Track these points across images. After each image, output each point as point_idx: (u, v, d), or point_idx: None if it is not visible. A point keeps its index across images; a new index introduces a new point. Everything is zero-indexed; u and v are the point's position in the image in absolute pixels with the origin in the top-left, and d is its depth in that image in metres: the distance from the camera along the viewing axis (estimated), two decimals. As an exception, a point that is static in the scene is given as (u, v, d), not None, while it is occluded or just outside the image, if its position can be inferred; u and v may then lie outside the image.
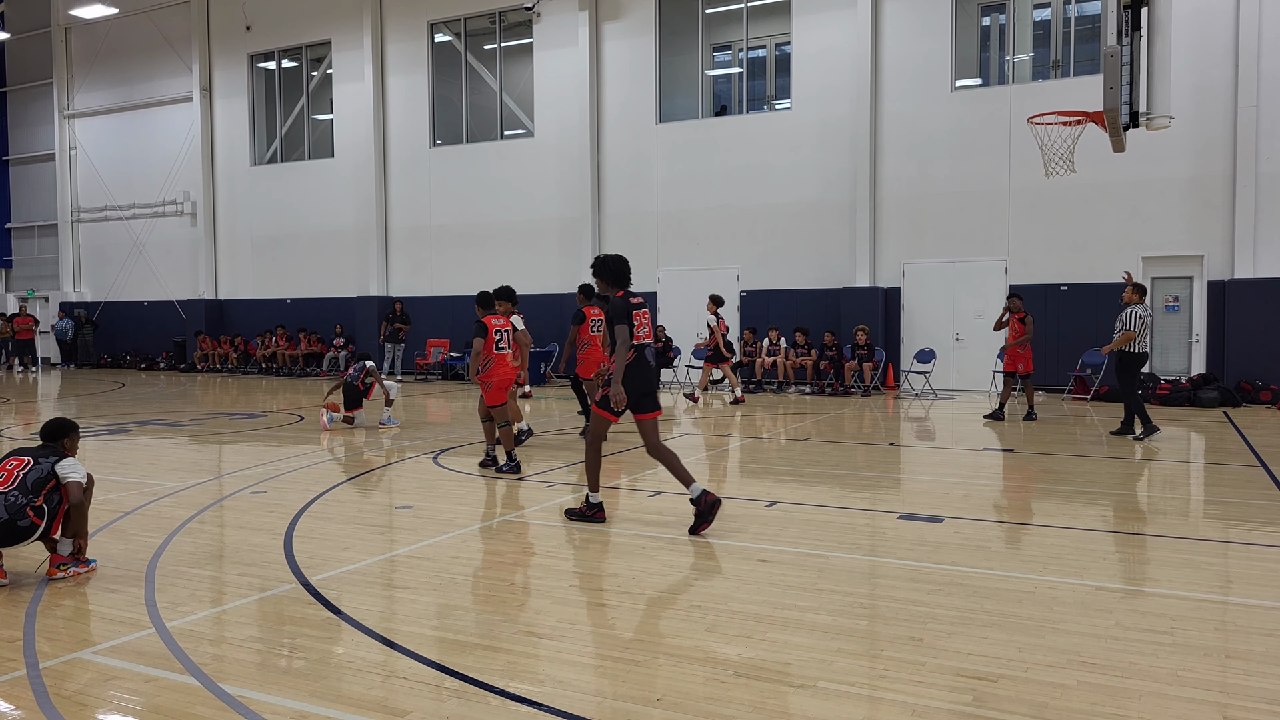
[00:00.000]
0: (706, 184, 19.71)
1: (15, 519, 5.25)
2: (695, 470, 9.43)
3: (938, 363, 17.64)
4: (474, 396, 17.71)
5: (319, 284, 24.36)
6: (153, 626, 4.68)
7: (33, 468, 5.44)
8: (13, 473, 5.40)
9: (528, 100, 21.74)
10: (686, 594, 5.17)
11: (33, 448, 5.65)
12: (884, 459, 10.15)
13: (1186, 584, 5.30)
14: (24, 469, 5.43)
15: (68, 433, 5.84)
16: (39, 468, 5.45)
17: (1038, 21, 17.91)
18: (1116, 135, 10.08)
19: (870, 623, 4.73)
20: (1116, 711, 3.62)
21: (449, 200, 22.57)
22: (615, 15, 20.44)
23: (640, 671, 4.07)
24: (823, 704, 3.73)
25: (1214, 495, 8.28)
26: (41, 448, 5.66)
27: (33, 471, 5.42)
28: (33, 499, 5.32)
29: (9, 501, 5.26)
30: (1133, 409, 11.50)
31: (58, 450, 5.65)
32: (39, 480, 5.39)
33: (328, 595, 5.18)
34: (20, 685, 3.96)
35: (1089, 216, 16.66)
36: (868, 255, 18.21)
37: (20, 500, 5.28)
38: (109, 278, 28.07)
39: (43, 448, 5.66)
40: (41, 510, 5.37)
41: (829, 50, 18.48)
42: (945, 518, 7.01)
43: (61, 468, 5.49)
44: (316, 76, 24.64)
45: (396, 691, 3.89)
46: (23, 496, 5.30)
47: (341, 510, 7.53)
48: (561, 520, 7.03)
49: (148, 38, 26.78)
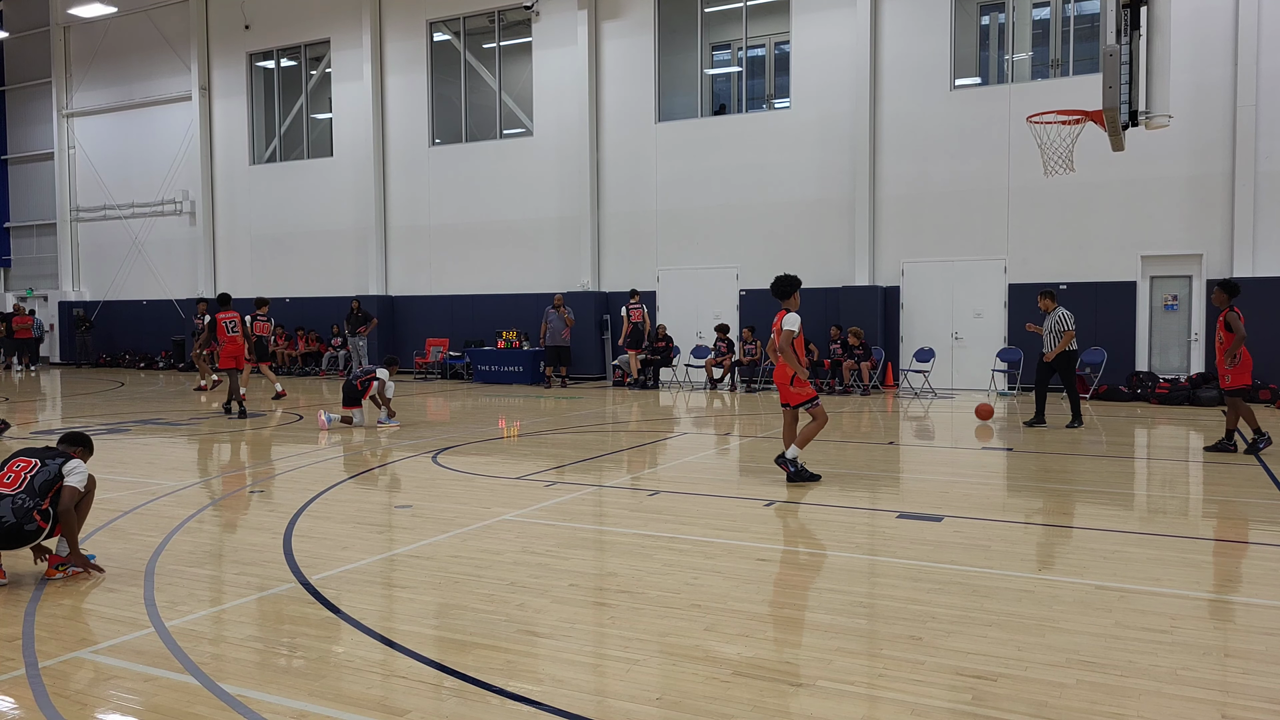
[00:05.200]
0: (706, 183, 19.70)
1: (23, 523, 5.22)
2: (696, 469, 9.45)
3: (937, 362, 17.64)
4: (474, 396, 17.71)
5: (318, 283, 24.35)
6: (152, 626, 4.68)
7: (40, 470, 5.40)
8: (20, 475, 5.36)
9: (527, 99, 21.73)
10: (686, 594, 5.17)
11: (40, 449, 5.62)
12: (883, 458, 10.15)
13: (1186, 583, 5.30)
14: (31, 471, 5.38)
15: (83, 444, 5.84)
16: (46, 469, 5.41)
17: (1037, 21, 17.91)
18: (1116, 134, 10.08)
19: (870, 622, 4.73)
20: (1116, 710, 3.62)
21: (448, 199, 22.57)
22: (614, 14, 20.43)
23: (640, 671, 4.07)
24: (823, 703, 3.73)
25: (1214, 495, 8.29)
26: (49, 449, 5.63)
27: (40, 474, 5.38)
28: (39, 502, 5.28)
29: (17, 505, 5.22)
30: (1072, 400, 12.45)
31: (65, 453, 5.61)
32: (46, 483, 5.36)
33: (327, 594, 5.18)
34: (20, 684, 3.96)
35: (1088, 216, 16.66)
36: (867, 254, 18.21)
37: (28, 504, 5.25)
38: (108, 277, 28.05)
39: (50, 450, 5.63)
40: (47, 514, 5.34)
41: (828, 49, 18.48)
42: (945, 517, 7.01)
43: (66, 469, 5.47)
44: (315, 75, 24.62)
45: (396, 691, 3.89)
46: (30, 499, 5.26)
47: (341, 509, 7.53)
48: (560, 520, 7.03)
49: (146, 37, 26.76)
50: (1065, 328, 12.23)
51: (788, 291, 8.58)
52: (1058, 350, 12.24)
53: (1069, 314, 12.39)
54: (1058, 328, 12.29)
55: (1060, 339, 12.22)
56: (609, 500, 7.88)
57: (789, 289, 8.58)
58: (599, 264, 20.85)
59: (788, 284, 8.59)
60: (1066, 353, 12.32)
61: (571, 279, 20.94)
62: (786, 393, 8.51)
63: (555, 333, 19.16)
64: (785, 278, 8.64)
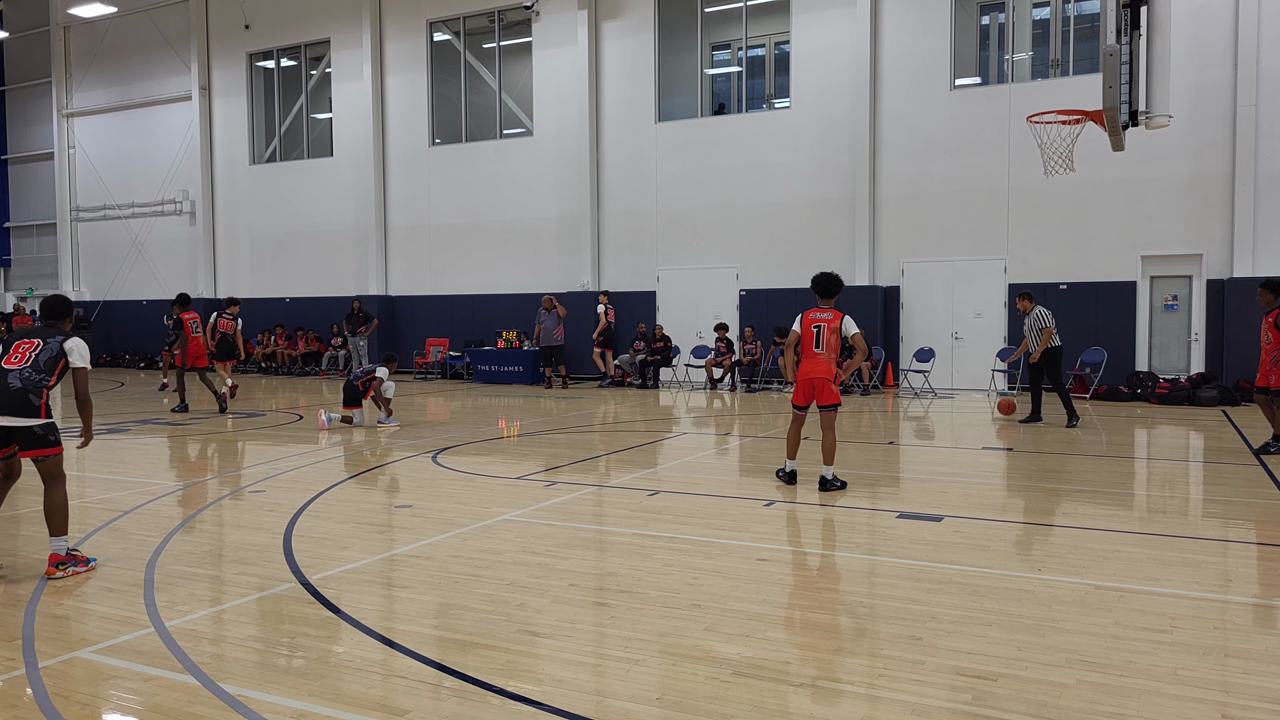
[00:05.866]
0: (706, 183, 19.70)
1: (30, 392, 5.59)
2: (696, 469, 9.45)
3: (937, 362, 17.64)
4: (474, 396, 17.71)
5: (318, 283, 24.34)
6: (152, 626, 4.68)
7: (43, 348, 5.72)
8: (26, 353, 5.69)
9: (527, 99, 21.72)
10: (686, 593, 5.17)
11: (36, 329, 5.89)
12: (883, 458, 10.15)
13: (1186, 583, 5.30)
14: (35, 350, 5.71)
15: (69, 312, 6.12)
16: (48, 348, 5.73)
17: (1037, 20, 17.91)
18: (1116, 134, 10.08)
19: (870, 622, 4.73)
20: (1116, 710, 3.62)
21: (448, 199, 22.56)
22: (614, 14, 20.43)
23: (640, 671, 4.07)
24: (822, 703, 3.73)
25: (1214, 495, 8.29)
26: (45, 328, 5.90)
27: (44, 351, 5.71)
28: (46, 378, 5.64)
29: (25, 376, 5.58)
30: (1064, 399, 12.44)
31: (60, 329, 5.92)
32: (51, 360, 5.70)
33: (327, 594, 5.18)
34: (20, 685, 3.96)
35: (1088, 215, 16.66)
36: (867, 254, 18.21)
37: (35, 377, 5.61)
38: (108, 277, 28.04)
39: (46, 328, 5.91)
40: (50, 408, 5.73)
41: (828, 49, 18.47)
42: (945, 517, 7.01)
43: (68, 347, 5.78)
44: (315, 75, 24.62)
45: (396, 690, 3.89)
46: (36, 374, 5.62)
47: (341, 509, 7.53)
48: (560, 520, 7.03)
49: (146, 36, 26.75)
50: (1044, 324, 12.31)
51: (837, 289, 8.34)
52: (1041, 348, 12.29)
53: (1047, 311, 12.49)
54: (1037, 324, 12.38)
55: (1041, 337, 12.29)
56: (609, 500, 7.88)
57: (838, 286, 8.35)
58: (599, 264, 20.84)
59: (838, 283, 8.35)
60: (1050, 350, 12.34)
61: (571, 279, 20.94)
62: (829, 392, 8.13)
63: (548, 332, 19.16)
64: (835, 276, 8.37)
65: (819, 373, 8.15)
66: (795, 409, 8.36)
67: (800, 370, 8.25)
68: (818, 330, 8.20)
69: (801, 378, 8.24)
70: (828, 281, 8.36)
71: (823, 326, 8.20)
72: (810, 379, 8.18)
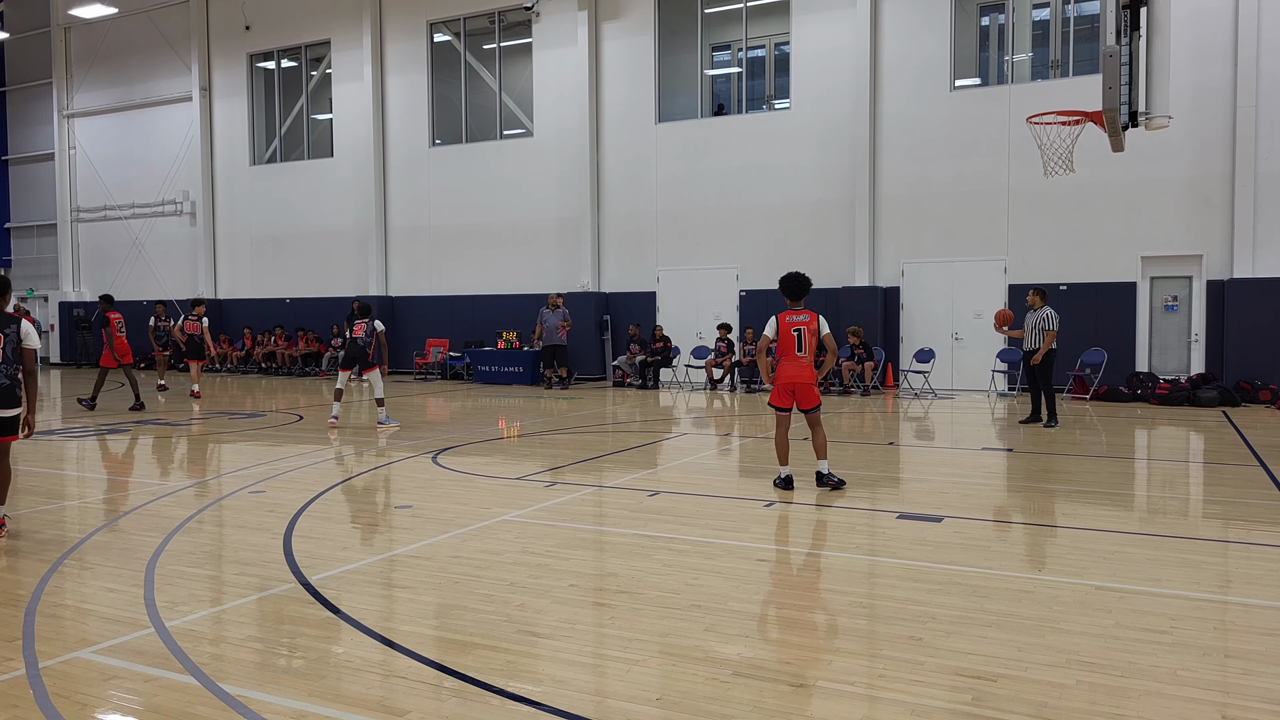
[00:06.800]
0: (706, 184, 19.70)
1: (14, 386, 6.06)
2: (696, 470, 9.45)
3: (937, 362, 17.64)
4: (474, 397, 17.71)
5: (318, 284, 24.35)
6: (152, 626, 4.68)
7: (6, 340, 6.05)
8: None
9: (527, 100, 21.73)
10: (686, 594, 5.17)
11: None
12: (883, 458, 10.15)
13: (1186, 584, 5.30)
14: (2, 344, 6.03)
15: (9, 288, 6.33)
16: (9, 338, 6.06)
17: (1037, 21, 17.91)
18: (1115, 135, 10.08)
19: (869, 622, 4.73)
20: (1116, 711, 3.62)
21: (448, 200, 22.57)
22: (614, 15, 20.44)
23: (640, 671, 4.07)
24: (822, 704, 3.73)
25: (1214, 495, 8.29)
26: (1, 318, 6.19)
27: (8, 343, 6.05)
28: (16, 368, 6.04)
29: (5, 371, 5.96)
30: (1048, 400, 12.42)
31: (10, 316, 6.18)
32: (15, 349, 6.06)
33: (327, 595, 5.18)
34: (20, 685, 3.96)
35: (1088, 216, 16.66)
36: (867, 255, 18.21)
37: (9, 369, 6.00)
38: (108, 277, 28.03)
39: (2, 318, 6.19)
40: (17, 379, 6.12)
41: (828, 50, 18.48)
42: (945, 517, 7.01)
43: (23, 332, 6.10)
44: (316, 76, 24.63)
45: (396, 691, 3.89)
46: (8, 366, 6.01)
47: (341, 510, 7.53)
48: (560, 520, 7.03)
49: (147, 37, 26.76)
50: (1048, 327, 12.24)
51: (807, 289, 8.22)
52: (1043, 351, 12.22)
53: (1055, 314, 12.36)
54: (1041, 325, 12.29)
55: (1044, 337, 12.23)
56: (609, 501, 7.88)
57: (808, 287, 8.23)
58: (599, 264, 20.85)
59: (808, 283, 8.23)
60: (1047, 351, 12.32)
61: (571, 279, 20.94)
62: (812, 395, 8.12)
63: (551, 332, 19.12)
64: (805, 277, 8.23)
65: (804, 377, 8.12)
66: (779, 411, 8.29)
67: (782, 373, 8.18)
68: (798, 334, 8.15)
69: (783, 381, 8.17)
70: (799, 282, 8.25)
71: (802, 329, 8.16)
72: (794, 383, 8.13)
